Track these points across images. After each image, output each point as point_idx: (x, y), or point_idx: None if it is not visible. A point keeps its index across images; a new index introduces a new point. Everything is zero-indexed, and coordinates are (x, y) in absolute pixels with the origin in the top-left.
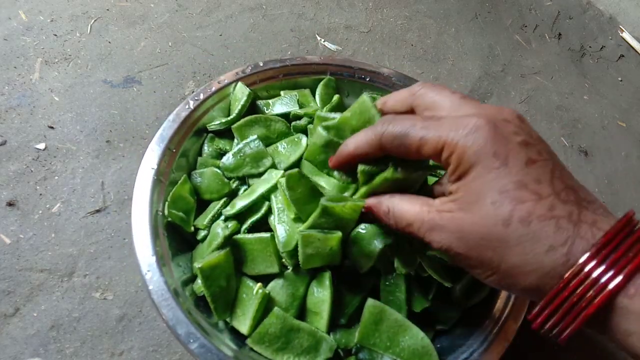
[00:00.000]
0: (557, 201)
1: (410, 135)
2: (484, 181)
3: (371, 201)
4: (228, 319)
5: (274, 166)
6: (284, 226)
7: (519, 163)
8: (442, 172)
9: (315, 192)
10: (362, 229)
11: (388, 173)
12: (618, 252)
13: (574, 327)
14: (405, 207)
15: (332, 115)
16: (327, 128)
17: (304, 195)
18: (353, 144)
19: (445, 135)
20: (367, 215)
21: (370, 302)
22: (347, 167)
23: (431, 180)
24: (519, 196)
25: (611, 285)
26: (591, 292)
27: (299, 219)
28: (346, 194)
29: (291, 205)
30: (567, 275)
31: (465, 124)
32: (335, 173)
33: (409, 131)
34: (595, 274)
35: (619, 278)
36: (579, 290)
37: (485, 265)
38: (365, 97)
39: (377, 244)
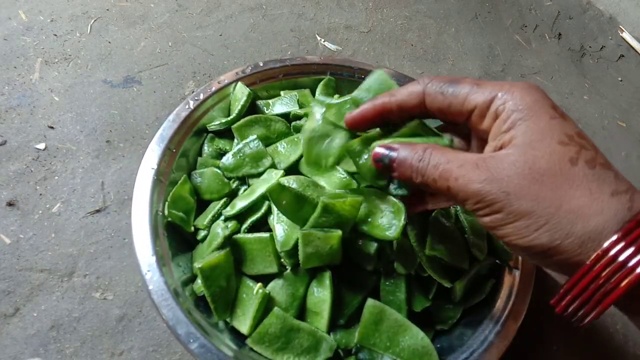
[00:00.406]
0: (608, 161)
1: (459, 85)
2: (548, 124)
3: (402, 146)
4: (228, 319)
5: (273, 166)
6: (282, 226)
7: (573, 122)
8: None
9: (301, 199)
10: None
11: (414, 123)
12: None
13: (598, 311)
14: (446, 151)
15: (330, 100)
16: (329, 106)
17: (291, 204)
18: (389, 94)
19: (497, 89)
20: (387, 168)
21: (370, 302)
22: (367, 125)
23: None
24: (582, 143)
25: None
26: (618, 275)
27: None
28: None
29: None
30: (592, 257)
31: (516, 84)
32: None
33: (459, 82)
34: (622, 257)
35: None
36: (604, 273)
37: (538, 212)
38: (381, 71)
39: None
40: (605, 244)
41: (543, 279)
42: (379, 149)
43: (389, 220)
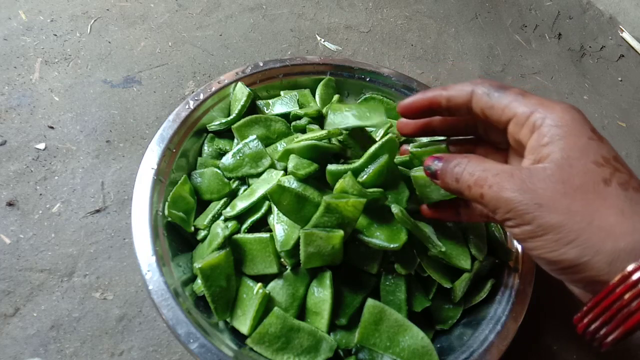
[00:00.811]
0: None
1: (506, 92)
2: (586, 144)
3: (447, 156)
4: (228, 319)
5: (273, 166)
6: (282, 226)
7: (610, 145)
8: None
9: (301, 199)
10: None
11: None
12: None
13: (620, 332)
14: (484, 160)
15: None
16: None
17: (292, 205)
18: (442, 88)
19: (538, 103)
20: (433, 176)
21: (370, 302)
22: (417, 113)
23: None
24: (617, 167)
25: None
26: (637, 302)
27: None
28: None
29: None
30: (617, 278)
31: (558, 102)
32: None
33: (507, 89)
34: None
35: None
36: (628, 295)
37: (568, 227)
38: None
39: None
40: (630, 267)
41: (543, 279)
42: (429, 158)
43: (391, 231)
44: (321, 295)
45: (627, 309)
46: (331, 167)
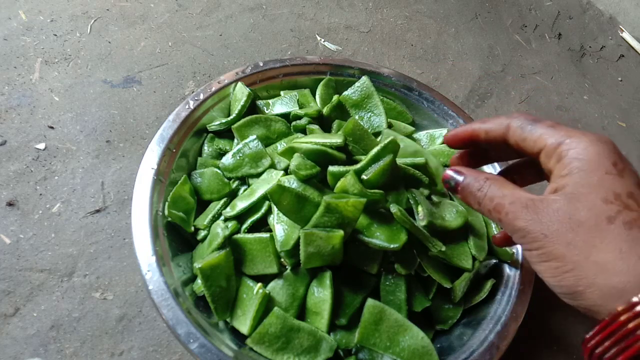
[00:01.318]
0: None
1: (538, 124)
2: (600, 180)
3: (468, 172)
4: (228, 319)
5: (273, 166)
6: (282, 226)
7: (633, 179)
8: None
9: (302, 199)
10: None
11: None
12: None
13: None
14: (505, 184)
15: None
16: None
17: (292, 205)
18: (481, 120)
19: (567, 135)
20: (453, 190)
21: (370, 302)
22: (461, 145)
23: None
24: (628, 204)
25: None
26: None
27: None
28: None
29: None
30: (620, 309)
31: (588, 133)
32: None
33: (539, 122)
34: None
35: None
36: (629, 326)
37: (569, 258)
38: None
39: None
40: (635, 299)
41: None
42: (448, 171)
43: (391, 231)
44: (321, 295)
45: (632, 337)
46: (333, 168)
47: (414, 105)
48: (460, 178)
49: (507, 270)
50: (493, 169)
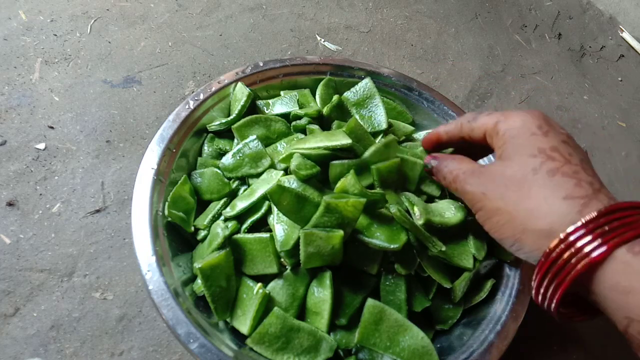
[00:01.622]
0: (582, 171)
1: (479, 115)
2: (526, 140)
3: (441, 157)
4: (228, 319)
5: (273, 166)
6: (282, 226)
7: (556, 137)
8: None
9: (301, 199)
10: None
11: None
12: (612, 225)
13: (560, 293)
14: (463, 161)
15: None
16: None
17: (292, 205)
18: (442, 128)
19: (501, 115)
20: (430, 173)
21: (370, 302)
22: (432, 147)
23: None
24: (551, 155)
25: (594, 254)
26: (574, 259)
27: None
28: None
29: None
30: (552, 245)
31: (519, 111)
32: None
33: (480, 113)
34: (580, 244)
35: (603, 249)
36: (564, 257)
37: (504, 210)
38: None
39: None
40: (569, 229)
41: None
42: (427, 157)
43: (391, 231)
44: (321, 295)
45: (566, 267)
46: (335, 162)
47: (414, 105)
48: (434, 162)
49: (507, 270)
50: (489, 160)
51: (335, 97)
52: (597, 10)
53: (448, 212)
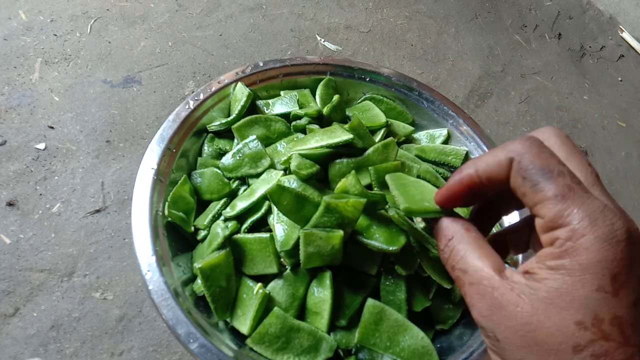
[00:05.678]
0: (638, 355)
1: (548, 182)
2: (584, 298)
3: (444, 221)
4: (228, 319)
5: (272, 166)
6: (282, 226)
7: (628, 299)
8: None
9: (301, 199)
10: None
11: None
12: None
13: None
14: (471, 252)
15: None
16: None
17: (292, 205)
18: (473, 166)
19: (576, 216)
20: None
21: (370, 302)
22: (457, 202)
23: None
24: (608, 332)
25: None
26: None
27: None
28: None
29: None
30: None
31: (605, 222)
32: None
33: (551, 176)
34: None
35: None
36: None
37: None
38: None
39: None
40: None
41: None
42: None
43: (390, 233)
44: (321, 295)
45: None
46: (335, 161)
47: (414, 105)
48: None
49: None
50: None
51: (336, 97)
52: (597, 10)
53: None
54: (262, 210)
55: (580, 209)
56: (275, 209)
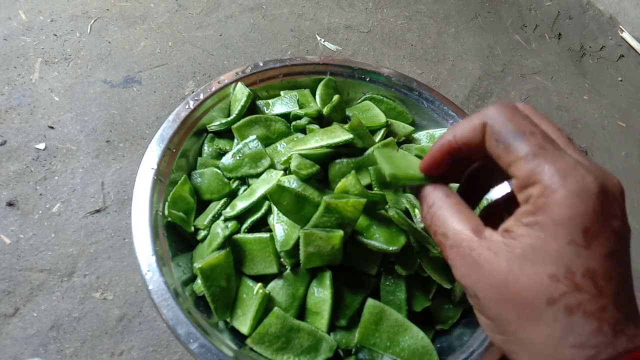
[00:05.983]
0: (612, 305)
1: (520, 141)
2: (556, 251)
3: (426, 189)
4: (228, 319)
5: (272, 166)
6: (282, 226)
7: (600, 252)
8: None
9: (301, 199)
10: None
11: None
12: None
13: None
14: (451, 217)
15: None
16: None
17: (292, 205)
18: (451, 132)
19: (547, 172)
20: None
21: (370, 302)
22: (440, 168)
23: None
24: (581, 284)
25: None
26: None
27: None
28: None
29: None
30: None
31: (576, 177)
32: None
33: (524, 136)
34: None
35: None
36: None
37: (500, 324)
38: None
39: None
40: None
41: None
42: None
43: (390, 233)
44: (321, 295)
45: None
46: (335, 161)
47: (414, 105)
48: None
49: None
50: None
51: (336, 97)
52: (597, 10)
53: None
54: (262, 210)
55: (551, 166)
56: (275, 209)
